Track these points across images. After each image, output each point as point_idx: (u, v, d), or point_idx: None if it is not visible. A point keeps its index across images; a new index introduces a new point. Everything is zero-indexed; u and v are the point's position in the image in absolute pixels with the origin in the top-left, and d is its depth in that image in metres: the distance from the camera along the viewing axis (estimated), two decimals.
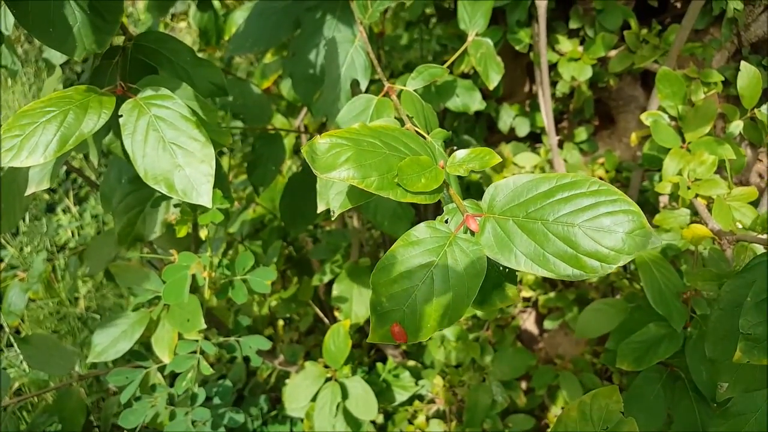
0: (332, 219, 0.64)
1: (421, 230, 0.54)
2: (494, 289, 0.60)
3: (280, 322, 1.78)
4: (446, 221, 0.57)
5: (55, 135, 0.62)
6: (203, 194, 0.66)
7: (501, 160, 0.58)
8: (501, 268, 0.59)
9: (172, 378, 1.01)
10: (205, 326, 0.89)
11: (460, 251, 0.52)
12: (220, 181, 0.91)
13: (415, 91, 0.79)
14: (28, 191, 0.81)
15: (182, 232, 0.85)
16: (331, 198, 0.64)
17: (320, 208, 0.68)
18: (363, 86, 0.89)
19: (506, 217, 0.52)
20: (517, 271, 0.54)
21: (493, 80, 1.03)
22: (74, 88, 0.66)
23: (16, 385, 1.86)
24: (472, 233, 0.54)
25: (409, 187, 0.53)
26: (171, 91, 0.69)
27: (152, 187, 0.65)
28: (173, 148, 0.66)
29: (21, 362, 1.97)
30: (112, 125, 0.70)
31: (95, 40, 0.68)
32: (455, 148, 0.64)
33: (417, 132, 0.68)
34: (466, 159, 0.58)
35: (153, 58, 0.79)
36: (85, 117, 0.63)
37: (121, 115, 0.67)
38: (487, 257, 0.52)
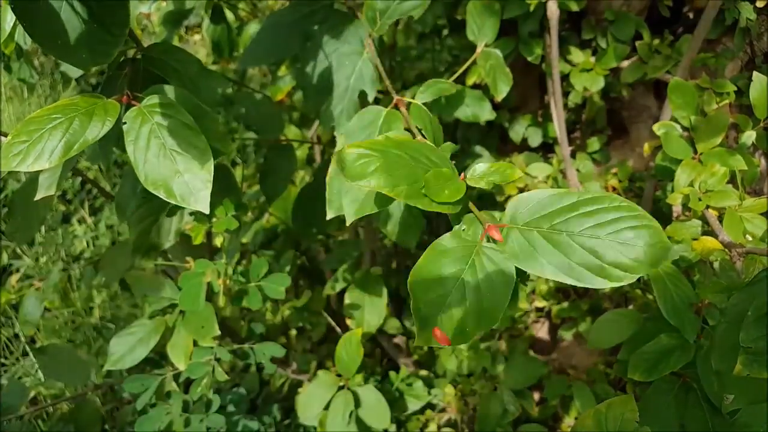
0: (347, 225, 0.65)
1: (448, 240, 0.57)
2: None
3: (293, 332, 1.79)
4: (464, 230, 0.60)
5: (60, 141, 0.64)
6: (201, 200, 0.68)
7: (521, 175, 0.61)
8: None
9: (187, 386, 1.02)
10: (219, 333, 0.90)
11: (488, 260, 0.55)
12: (233, 190, 0.93)
13: (424, 102, 0.81)
14: (37, 196, 0.83)
15: (198, 239, 0.86)
16: (346, 205, 0.67)
17: (329, 215, 0.70)
18: (371, 97, 0.90)
19: (530, 228, 0.56)
20: (535, 278, 0.56)
21: (502, 91, 1.04)
22: (80, 96, 0.68)
23: (32, 394, 1.88)
24: (495, 243, 0.56)
25: (435, 197, 0.57)
26: (175, 99, 0.71)
27: (152, 192, 0.68)
28: (173, 155, 0.68)
29: (36, 371, 1.99)
30: (118, 132, 0.72)
31: (101, 53, 0.70)
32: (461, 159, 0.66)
33: None
34: (486, 173, 0.63)
35: (161, 68, 0.82)
36: (90, 124, 0.65)
37: (125, 123, 0.69)
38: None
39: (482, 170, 0.62)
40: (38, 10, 0.66)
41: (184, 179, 0.68)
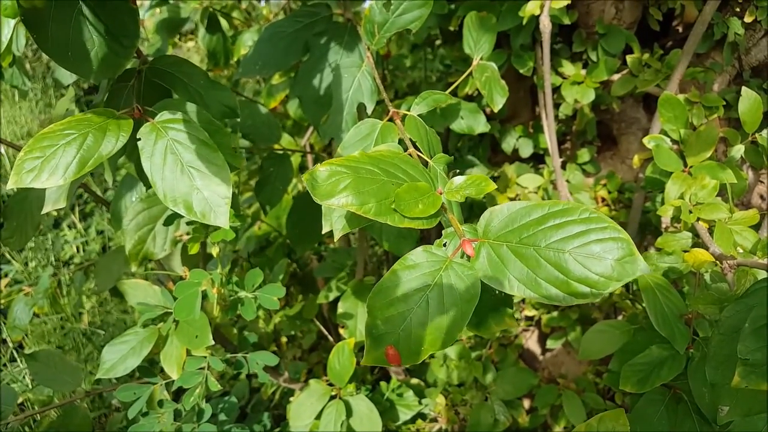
0: (335, 241, 0.65)
1: (417, 254, 0.56)
2: (491, 313, 0.61)
3: (284, 339, 1.79)
4: (444, 245, 0.59)
5: (74, 157, 0.63)
6: (220, 216, 0.67)
7: (496, 187, 0.60)
8: (497, 292, 0.60)
9: (176, 394, 1.02)
10: (213, 343, 0.90)
11: (455, 275, 0.54)
12: (232, 200, 0.93)
13: (419, 114, 0.81)
14: (45, 210, 0.82)
15: (194, 249, 0.86)
16: (334, 221, 0.66)
17: (325, 229, 0.69)
18: (369, 110, 0.90)
19: (500, 243, 0.54)
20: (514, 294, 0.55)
21: (498, 103, 1.04)
22: (93, 111, 0.67)
23: (19, 400, 1.86)
24: (468, 258, 0.55)
25: (406, 212, 0.55)
26: (186, 114, 0.71)
27: (171, 208, 0.67)
28: (191, 171, 0.68)
29: (24, 377, 1.98)
30: (127, 146, 0.72)
31: (112, 64, 0.70)
32: (458, 171, 0.66)
33: (419, 157, 0.70)
34: (463, 185, 0.61)
35: (168, 81, 0.81)
36: (104, 140, 0.65)
37: (140, 138, 0.69)
38: (482, 281, 0.53)
39: (459, 183, 0.61)
40: (48, 22, 0.66)
41: (204, 195, 0.68)
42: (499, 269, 0.53)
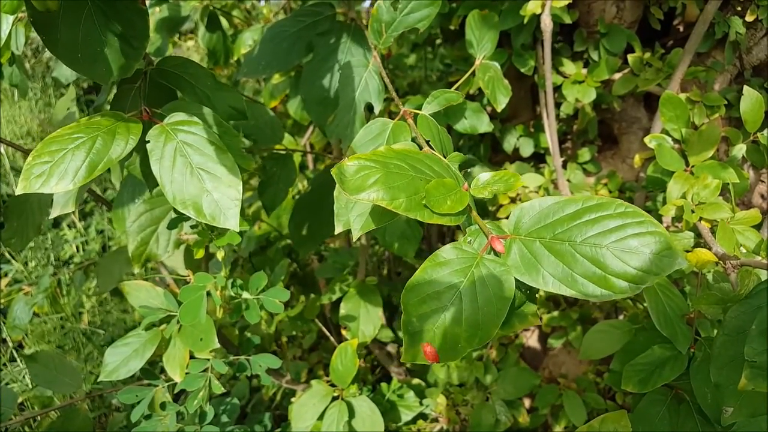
0: (354, 240, 0.64)
1: (447, 251, 0.55)
2: (514, 311, 0.60)
3: (284, 339, 1.79)
4: (470, 242, 0.58)
5: (84, 161, 0.62)
6: (230, 218, 0.67)
7: (524, 183, 0.60)
8: (523, 290, 0.60)
9: (178, 395, 1.02)
10: (218, 345, 0.90)
11: (487, 272, 0.53)
12: None
13: (430, 113, 0.80)
14: (53, 214, 0.81)
15: (199, 254, 0.86)
16: (353, 220, 0.64)
17: (338, 229, 0.68)
18: (376, 110, 0.90)
19: (533, 239, 0.53)
20: (538, 292, 0.55)
21: (501, 103, 1.04)
22: (101, 114, 0.67)
23: (19, 400, 1.86)
24: (497, 254, 0.54)
25: (435, 208, 0.54)
26: (195, 116, 0.70)
27: (181, 211, 0.66)
28: (201, 173, 0.67)
29: (23, 377, 1.98)
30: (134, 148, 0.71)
31: (122, 66, 0.69)
32: (468, 170, 0.65)
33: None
34: (490, 182, 0.60)
35: (174, 82, 0.81)
36: (113, 143, 0.64)
37: (149, 141, 0.68)
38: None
39: (485, 179, 0.61)
40: (58, 24, 0.65)
41: (213, 198, 0.67)
42: (531, 265, 0.52)
